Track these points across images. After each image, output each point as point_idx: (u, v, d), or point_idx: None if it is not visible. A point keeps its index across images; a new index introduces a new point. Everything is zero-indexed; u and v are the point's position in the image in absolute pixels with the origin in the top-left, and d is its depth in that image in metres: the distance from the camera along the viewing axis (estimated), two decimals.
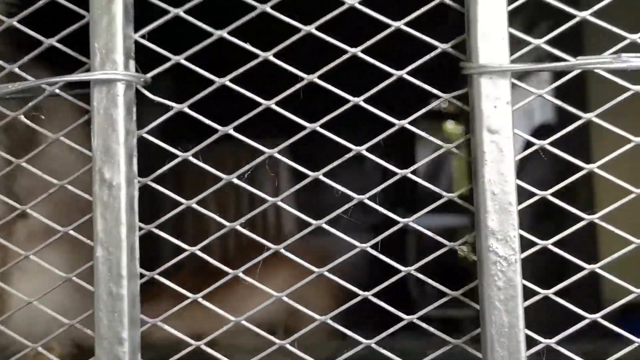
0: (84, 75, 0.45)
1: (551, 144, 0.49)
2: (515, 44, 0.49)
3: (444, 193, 0.49)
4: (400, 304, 0.51)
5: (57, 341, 0.73)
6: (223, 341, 0.56)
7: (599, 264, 0.48)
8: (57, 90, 0.47)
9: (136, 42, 0.49)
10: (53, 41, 0.49)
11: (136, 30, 0.49)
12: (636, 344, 0.48)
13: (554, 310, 0.49)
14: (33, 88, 0.47)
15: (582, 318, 0.48)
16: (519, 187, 0.46)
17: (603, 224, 0.49)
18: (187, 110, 0.49)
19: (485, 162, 0.46)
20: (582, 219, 0.48)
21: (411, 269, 0.49)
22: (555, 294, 0.48)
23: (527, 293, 0.47)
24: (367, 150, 0.49)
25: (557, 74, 0.49)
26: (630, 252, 0.48)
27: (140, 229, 0.48)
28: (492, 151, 0.46)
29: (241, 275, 0.50)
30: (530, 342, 0.47)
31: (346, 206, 0.50)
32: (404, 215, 0.50)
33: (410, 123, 0.50)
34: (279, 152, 0.50)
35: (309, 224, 0.50)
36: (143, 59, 0.50)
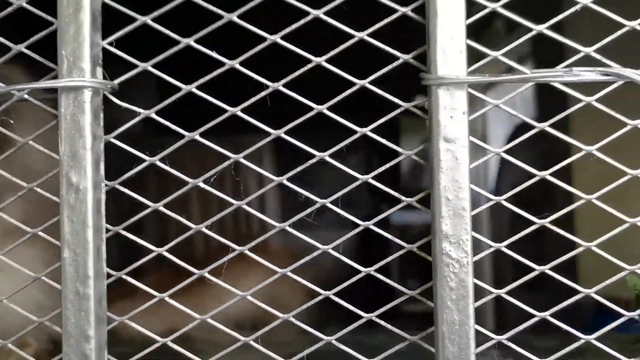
0: (50, 82, 0.46)
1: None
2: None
3: (402, 198, 0.51)
4: (379, 300, 0.53)
5: (34, 337, 0.75)
6: (200, 336, 0.58)
7: (549, 266, 0.51)
8: (26, 96, 0.48)
9: (105, 49, 0.50)
10: (22, 47, 0.50)
11: (104, 37, 0.51)
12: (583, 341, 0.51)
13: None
14: (3, 93, 0.48)
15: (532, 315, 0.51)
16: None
17: (554, 227, 0.51)
18: (153, 115, 0.50)
19: (441, 169, 0.48)
20: (534, 222, 0.51)
21: (371, 270, 0.51)
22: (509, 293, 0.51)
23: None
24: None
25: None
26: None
27: (108, 230, 0.49)
28: (447, 159, 0.48)
29: (207, 275, 0.51)
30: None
31: (309, 210, 0.51)
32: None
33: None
34: (244, 158, 0.51)
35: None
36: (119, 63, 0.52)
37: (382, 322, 0.51)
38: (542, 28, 0.51)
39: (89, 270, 0.47)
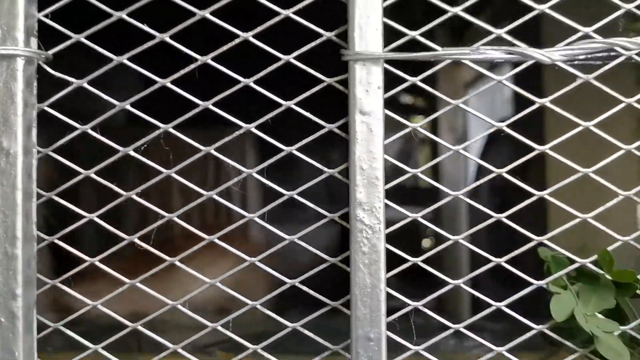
0: None
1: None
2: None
3: (325, 169, 0.54)
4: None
5: None
6: (162, 317, 0.60)
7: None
8: None
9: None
10: None
11: (42, 9, 0.53)
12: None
13: None
14: None
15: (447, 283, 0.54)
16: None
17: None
18: (86, 85, 0.53)
19: (356, 140, 0.51)
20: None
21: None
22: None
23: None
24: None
25: (516, 65, 0.54)
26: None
27: (40, 196, 0.51)
28: (362, 131, 0.51)
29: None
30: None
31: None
32: None
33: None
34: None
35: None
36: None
37: (304, 288, 0.54)
38: (458, 10, 0.54)
39: (18, 232, 0.49)
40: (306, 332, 0.52)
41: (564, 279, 0.56)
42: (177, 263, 0.54)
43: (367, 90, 0.51)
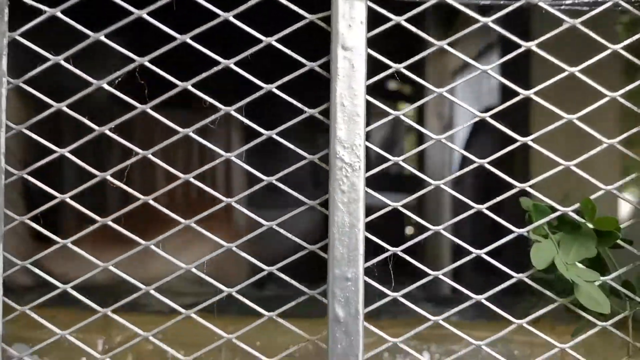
0: None
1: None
2: None
3: (305, 108, 0.52)
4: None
5: None
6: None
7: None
8: None
9: None
10: None
11: None
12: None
13: None
14: None
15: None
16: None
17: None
18: (59, 15, 0.51)
19: (337, 76, 0.49)
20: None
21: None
22: None
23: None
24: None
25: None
26: None
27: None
28: (344, 67, 0.49)
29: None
30: None
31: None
32: None
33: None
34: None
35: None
36: None
37: (282, 231, 0.53)
38: None
39: None
40: (282, 275, 0.51)
41: (545, 227, 0.56)
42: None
43: (350, 25, 0.49)
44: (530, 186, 0.54)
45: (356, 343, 0.47)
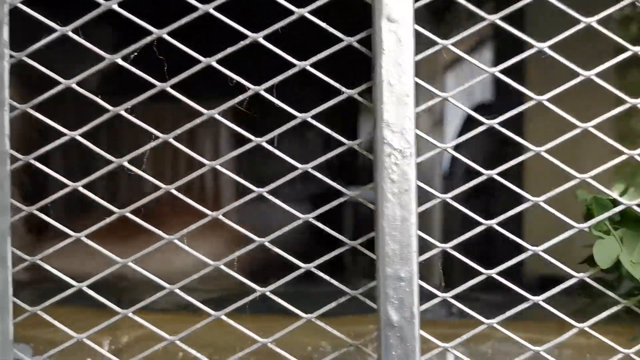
0: None
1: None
2: None
3: (344, 89, 0.47)
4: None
5: None
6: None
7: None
8: None
9: None
10: None
11: None
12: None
13: None
14: None
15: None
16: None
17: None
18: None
19: (382, 51, 0.44)
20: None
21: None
22: None
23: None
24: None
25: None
26: None
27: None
28: (390, 40, 0.44)
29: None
30: None
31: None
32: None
33: None
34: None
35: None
36: None
37: (320, 225, 0.47)
38: None
39: None
40: (320, 274, 0.45)
41: (606, 223, 0.50)
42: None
43: None
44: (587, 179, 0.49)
45: (412, 350, 0.41)
